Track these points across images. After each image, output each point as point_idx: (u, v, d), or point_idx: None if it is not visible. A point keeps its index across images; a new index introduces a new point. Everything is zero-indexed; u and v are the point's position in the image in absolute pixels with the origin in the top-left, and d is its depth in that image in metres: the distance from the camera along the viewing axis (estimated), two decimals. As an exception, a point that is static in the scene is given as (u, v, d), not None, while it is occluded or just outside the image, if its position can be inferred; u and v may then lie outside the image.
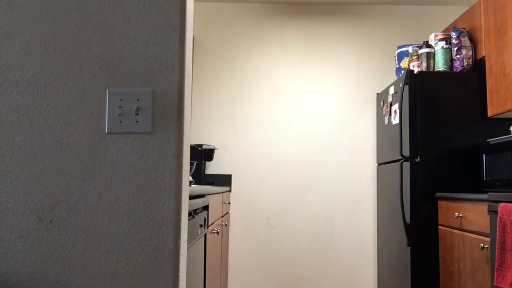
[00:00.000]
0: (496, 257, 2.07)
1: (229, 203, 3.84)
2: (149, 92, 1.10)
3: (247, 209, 3.93)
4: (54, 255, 1.08)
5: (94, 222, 1.08)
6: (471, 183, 2.94)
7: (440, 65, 3.25)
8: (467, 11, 3.30)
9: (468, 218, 2.47)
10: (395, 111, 3.30)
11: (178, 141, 1.10)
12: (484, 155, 2.79)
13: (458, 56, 3.17)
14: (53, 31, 1.12)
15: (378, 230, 3.79)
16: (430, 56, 3.28)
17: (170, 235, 1.08)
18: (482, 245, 2.27)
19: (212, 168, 3.96)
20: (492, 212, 2.17)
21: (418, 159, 3.02)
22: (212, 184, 3.72)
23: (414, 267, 2.95)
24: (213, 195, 2.66)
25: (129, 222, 1.08)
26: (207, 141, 3.94)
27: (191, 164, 3.04)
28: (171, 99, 1.10)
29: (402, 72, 3.58)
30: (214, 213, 2.72)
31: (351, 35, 4.08)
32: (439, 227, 2.88)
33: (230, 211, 3.92)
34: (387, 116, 3.51)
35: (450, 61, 3.24)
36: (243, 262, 3.89)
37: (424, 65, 3.28)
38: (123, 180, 1.09)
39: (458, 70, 3.17)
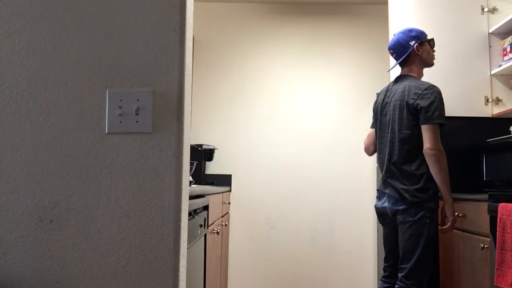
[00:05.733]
0: (496, 257, 2.07)
1: (229, 203, 3.84)
2: (149, 92, 1.10)
3: (247, 209, 3.93)
4: (54, 255, 1.08)
5: (94, 222, 1.08)
6: (471, 183, 2.94)
7: (440, 65, 3.24)
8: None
9: (468, 218, 2.47)
10: (395, 111, 3.29)
11: (178, 141, 1.10)
12: (484, 155, 2.78)
13: (458, 56, 3.16)
14: (53, 31, 1.12)
15: (378, 230, 3.79)
16: (430, 56, 3.27)
17: (170, 235, 1.08)
18: (482, 245, 2.27)
19: (212, 168, 3.96)
20: (492, 212, 2.17)
21: (418, 159, 3.01)
22: (212, 184, 3.72)
23: (414, 267, 2.93)
24: (213, 195, 2.66)
25: (129, 222, 1.08)
26: (207, 141, 3.94)
27: (191, 164, 3.04)
28: (171, 99, 1.10)
29: (402, 72, 3.57)
30: (214, 213, 2.72)
31: (351, 35, 4.08)
32: (439, 227, 2.87)
33: (230, 211, 3.92)
34: (387, 116, 3.50)
35: (450, 61, 3.23)
36: (243, 262, 3.89)
37: (424, 65, 3.27)
38: (123, 180, 1.09)
39: (458, 70, 3.17)
